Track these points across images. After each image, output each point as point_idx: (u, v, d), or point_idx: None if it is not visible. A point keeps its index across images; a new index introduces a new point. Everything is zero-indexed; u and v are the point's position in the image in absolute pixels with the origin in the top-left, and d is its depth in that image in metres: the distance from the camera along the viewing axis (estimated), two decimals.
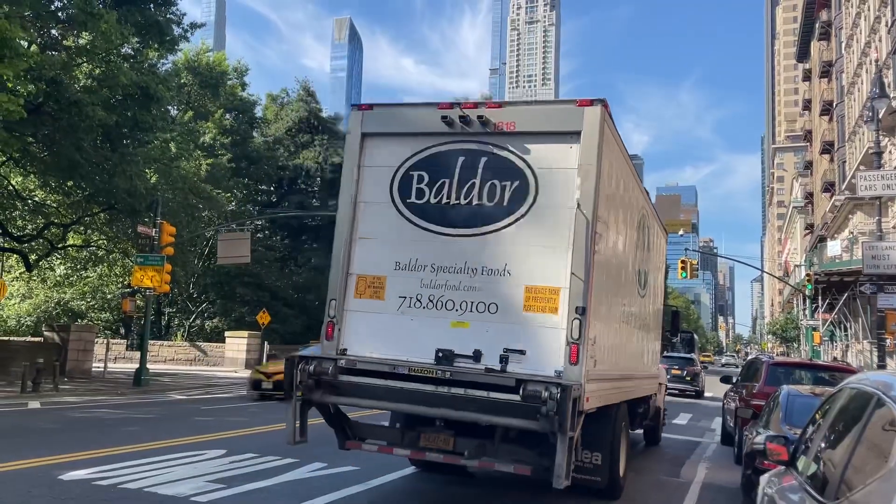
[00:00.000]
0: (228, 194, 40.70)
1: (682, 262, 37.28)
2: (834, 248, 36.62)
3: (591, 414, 6.78)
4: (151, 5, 22.74)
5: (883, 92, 19.16)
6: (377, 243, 7.38)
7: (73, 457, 9.34)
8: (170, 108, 32.93)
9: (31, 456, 9.20)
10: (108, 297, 39.43)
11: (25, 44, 19.77)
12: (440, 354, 6.81)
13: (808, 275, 36.61)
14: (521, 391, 6.26)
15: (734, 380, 15.78)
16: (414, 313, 7.07)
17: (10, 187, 25.93)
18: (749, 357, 36.73)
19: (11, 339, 31.74)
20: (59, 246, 30.44)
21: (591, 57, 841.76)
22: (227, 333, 37.44)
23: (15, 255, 30.10)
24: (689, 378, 26.50)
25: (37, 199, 27.56)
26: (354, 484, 8.41)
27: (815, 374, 12.56)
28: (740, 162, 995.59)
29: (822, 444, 3.59)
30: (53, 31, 21.86)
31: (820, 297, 37.68)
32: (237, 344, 35.69)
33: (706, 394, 28.25)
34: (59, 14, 21.45)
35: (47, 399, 18.04)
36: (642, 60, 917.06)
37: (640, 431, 12.95)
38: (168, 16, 23.45)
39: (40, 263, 32.15)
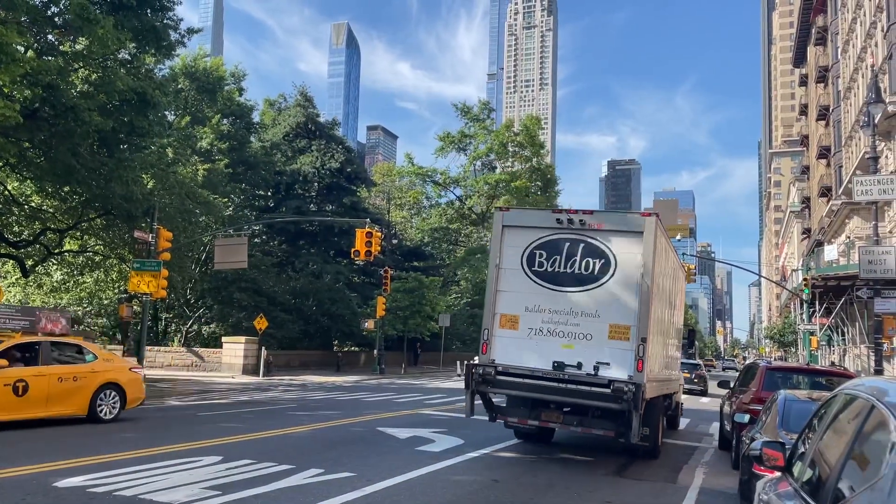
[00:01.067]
0: (226, 199, 40.64)
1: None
2: (831, 252, 36.63)
3: (644, 401, 10.36)
4: (148, 10, 22.72)
5: (879, 97, 19.21)
6: (513, 294, 11.39)
7: (68, 464, 9.30)
8: (167, 113, 32.92)
9: (25, 463, 9.16)
10: (105, 302, 39.32)
11: (22, 49, 19.74)
12: (555, 364, 10.77)
13: (805, 279, 36.61)
14: (610, 387, 10.27)
15: (731, 384, 15.80)
16: (538, 339, 11.07)
17: (7, 193, 25.88)
18: (747, 362, 39.71)
19: None
20: (56, 251, 30.38)
21: (588, 61, 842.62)
22: (224, 339, 37.34)
23: (11, 261, 30.01)
24: (696, 380, 33.32)
25: (33, 204, 27.52)
26: (350, 490, 8.37)
27: (812, 379, 12.57)
28: (737, 167, 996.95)
29: (817, 450, 3.57)
30: (50, 37, 21.83)
31: (817, 302, 37.69)
32: (234, 349, 35.59)
33: (709, 391, 34.65)
34: (56, 19, 21.43)
35: None
36: (639, 65, 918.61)
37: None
38: (165, 21, 23.42)
39: (36, 269, 32.08)
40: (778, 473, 4.40)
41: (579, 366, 10.70)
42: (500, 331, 11.35)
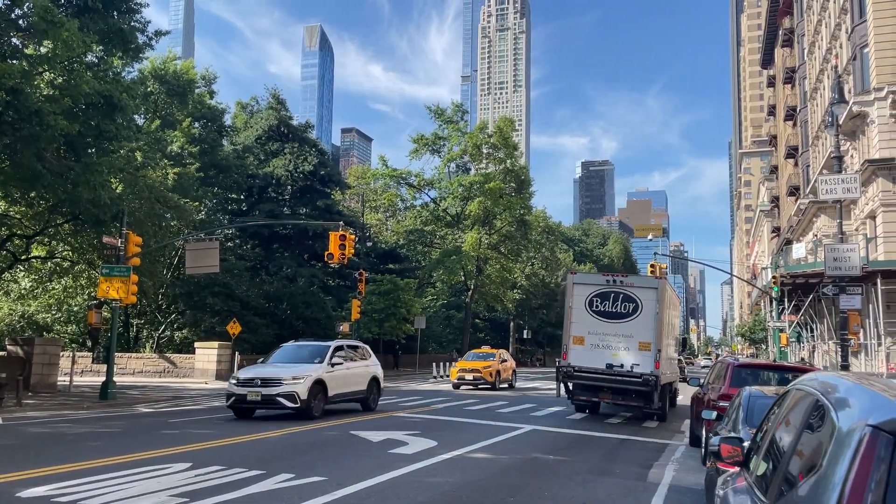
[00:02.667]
0: (197, 203, 40.19)
1: (651, 266, 37.68)
2: (799, 250, 37.20)
3: (660, 386, 17.97)
4: (115, 13, 22.41)
5: (842, 97, 19.59)
6: (580, 324, 18.59)
7: (33, 473, 9.15)
8: (136, 116, 32.47)
9: None
10: (75, 309, 38.70)
11: None
12: (607, 365, 17.98)
13: (774, 277, 37.16)
14: (641, 378, 17.57)
15: (701, 381, 15.99)
16: (597, 351, 18.22)
17: None
18: (718, 359, 42.64)
19: None
20: (23, 258, 29.84)
21: (559, 63, 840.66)
22: (196, 344, 36.93)
23: None
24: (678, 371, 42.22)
25: None
26: (321, 495, 8.33)
27: (779, 375, 12.75)
28: (707, 167, 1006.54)
29: (769, 445, 3.64)
30: (14, 40, 21.44)
31: (786, 299, 38.27)
32: (207, 355, 35.23)
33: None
34: (20, 22, 21.07)
35: (10, 415, 17.65)
36: (609, 66, 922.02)
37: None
38: (132, 24, 23.13)
39: (3, 276, 31.47)
40: (737, 469, 4.46)
41: (621, 366, 18.07)
42: (573, 346, 18.66)
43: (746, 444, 4.50)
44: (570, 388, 19.12)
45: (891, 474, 2.12)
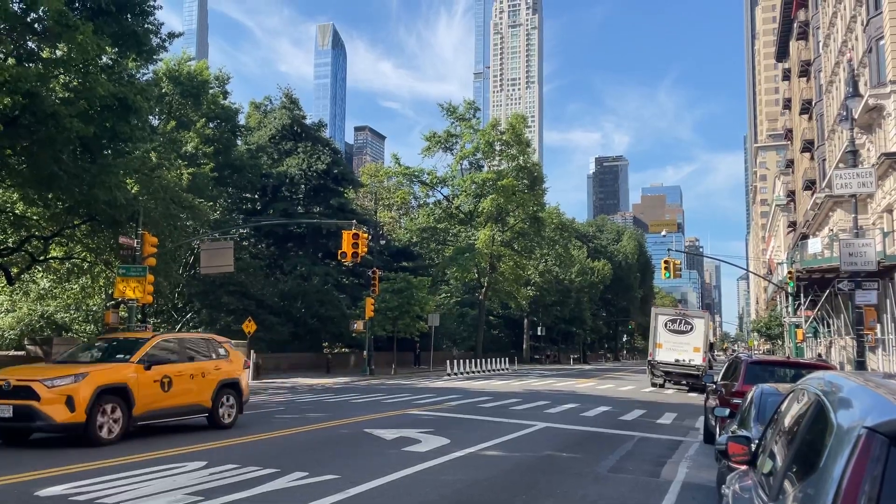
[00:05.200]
0: (212, 203, 40.47)
1: (665, 262, 37.57)
2: (815, 245, 36.87)
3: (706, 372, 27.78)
4: (128, 16, 22.58)
5: (856, 91, 19.41)
6: (660, 336, 32.65)
7: (50, 472, 9.29)
8: (151, 118, 32.73)
9: (7, 472, 9.14)
10: (94, 308, 39.08)
11: (1, 56, 19.57)
12: (675, 360, 32.10)
13: (790, 272, 36.90)
14: (696, 367, 31.42)
15: (714, 378, 15.93)
16: (669, 352, 32.34)
17: None
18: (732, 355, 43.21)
19: None
20: (41, 259, 30.18)
21: (570, 57, 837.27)
22: None
23: None
24: None
25: (17, 211, 27.33)
26: (334, 493, 8.41)
27: (793, 371, 12.67)
28: (720, 161, 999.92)
29: (774, 444, 3.66)
30: (30, 44, 21.69)
31: (802, 295, 37.96)
32: None
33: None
34: (36, 26, 21.30)
35: None
36: (620, 60, 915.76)
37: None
38: (145, 26, 23.29)
39: (22, 276, 31.84)
40: (745, 467, 4.47)
41: (684, 360, 31.36)
42: (657, 348, 32.11)
43: (755, 442, 4.50)
44: (654, 372, 32.74)
45: (885, 475, 2.15)
